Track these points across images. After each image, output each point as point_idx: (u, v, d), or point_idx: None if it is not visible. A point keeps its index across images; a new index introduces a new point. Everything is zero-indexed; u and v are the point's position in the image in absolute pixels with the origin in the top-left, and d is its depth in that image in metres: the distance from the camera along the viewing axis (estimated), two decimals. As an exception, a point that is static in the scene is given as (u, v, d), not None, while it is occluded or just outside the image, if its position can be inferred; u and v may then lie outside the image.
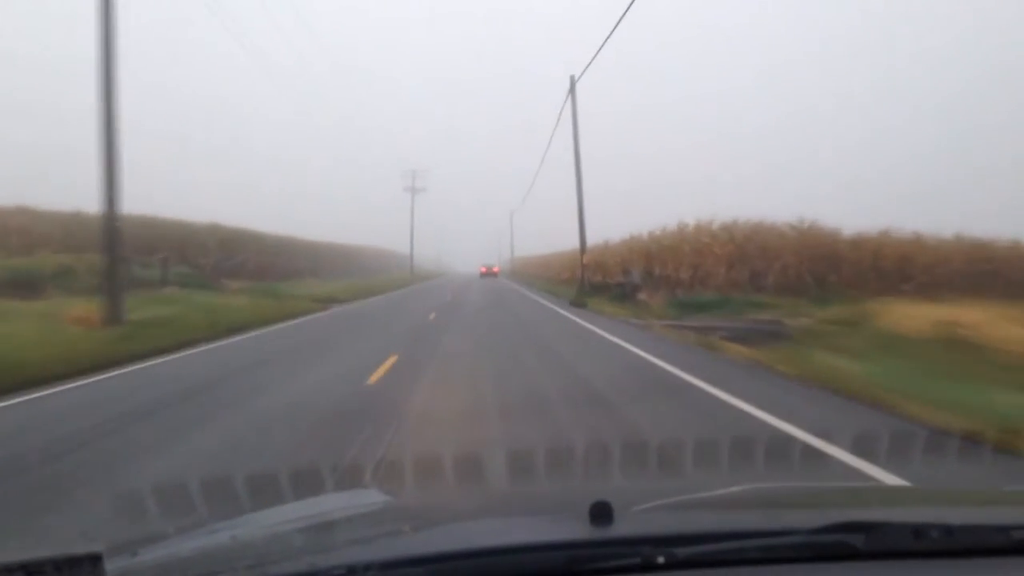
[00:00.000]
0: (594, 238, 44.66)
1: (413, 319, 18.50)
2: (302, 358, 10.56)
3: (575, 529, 1.40)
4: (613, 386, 7.68)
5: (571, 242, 51.26)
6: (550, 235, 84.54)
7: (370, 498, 2.56)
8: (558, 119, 28.81)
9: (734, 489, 2.06)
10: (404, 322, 17.56)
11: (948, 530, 1.36)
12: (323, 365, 9.71)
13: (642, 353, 10.52)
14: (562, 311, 20.80)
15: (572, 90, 26.26)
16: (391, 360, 9.65)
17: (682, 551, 1.29)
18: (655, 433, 5.25)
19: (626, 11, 16.68)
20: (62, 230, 29.04)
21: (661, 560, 1.28)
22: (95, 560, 1.11)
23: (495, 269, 78.35)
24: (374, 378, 8.30)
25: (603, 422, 5.86)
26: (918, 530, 1.36)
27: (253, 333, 15.40)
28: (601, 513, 1.38)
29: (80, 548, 1.14)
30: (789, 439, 5.16)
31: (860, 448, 4.58)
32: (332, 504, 2.34)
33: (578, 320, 17.44)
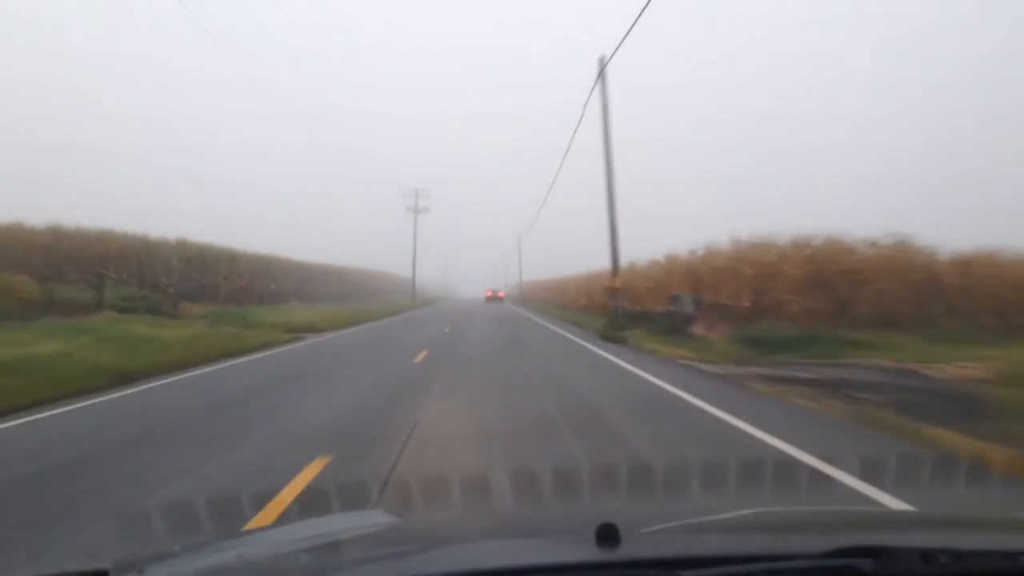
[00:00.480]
0: (605, 261, 40.30)
1: (393, 362, 13.54)
2: (175, 448, 5.95)
3: (582, 551, 1.40)
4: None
5: (584, 266, 46.68)
6: (560, 260, 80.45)
7: (376, 519, 2.49)
8: (579, 120, 24.14)
9: (740, 513, 2.01)
10: (379, 368, 12.64)
11: (957, 555, 1.34)
12: (195, 472, 5.03)
13: (814, 461, 5.11)
14: (598, 350, 15.89)
15: (602, 74, 21.58)
16: (313, 470, 4.83)
17: (689, 574, 1.27)
18: None
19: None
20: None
21: None
22: None
23: (500, 293, 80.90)
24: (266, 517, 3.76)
25: None
26: (926, 555, 1.34)
27: (159, 382, 10.66)
28: (608, 535, 1.37)
29: (87, 565, 1.25)
30: None
31: None
32: (337, 524, 2.26)
33: (629, 366, 12.37)
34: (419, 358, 13.66)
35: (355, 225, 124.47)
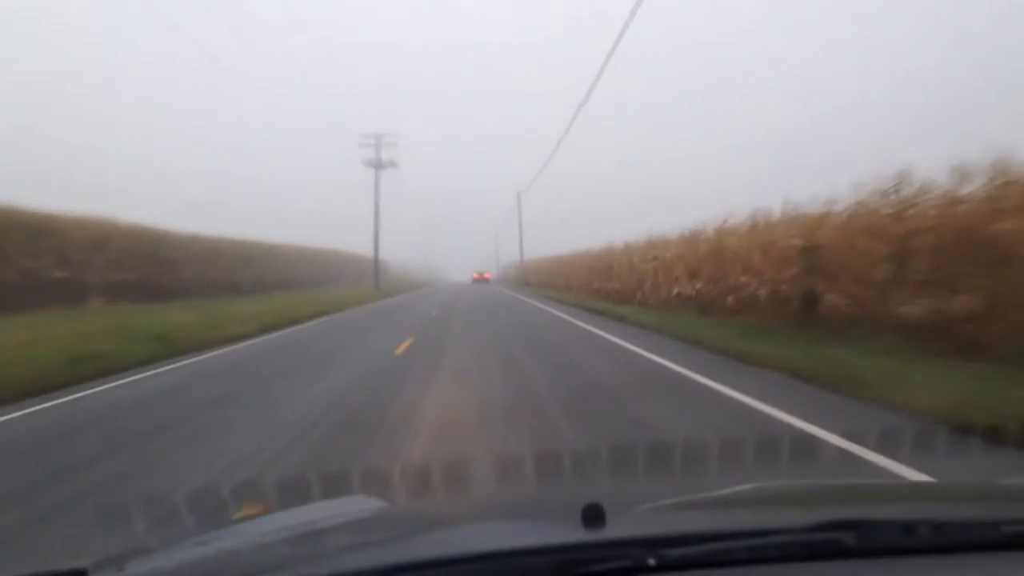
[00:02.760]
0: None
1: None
2: None
3: (567, 532, 1.42)
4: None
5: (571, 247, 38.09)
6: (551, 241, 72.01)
7: (362, 505, 2.38)
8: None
9: (731, 489, 2.02)
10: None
11: (938, 526, 1.38)
12: None
13: None
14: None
15: None
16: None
17: (673, 552, 1.30)
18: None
19: None
20: None
21: (652, 562, 1.28)
22: (80, 575, 1.12)
23: (487, 275, 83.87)
24: None
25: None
26: (908, 527, 1.38)
27: None
28: (594, 515, 1.40)
29: (64, 564, 1.18)
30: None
31: None
32: (323, 512, 2.22)
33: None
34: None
35: (314, 199, 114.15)
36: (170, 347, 13.23)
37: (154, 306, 23.37)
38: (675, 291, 19.07)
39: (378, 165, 50.68)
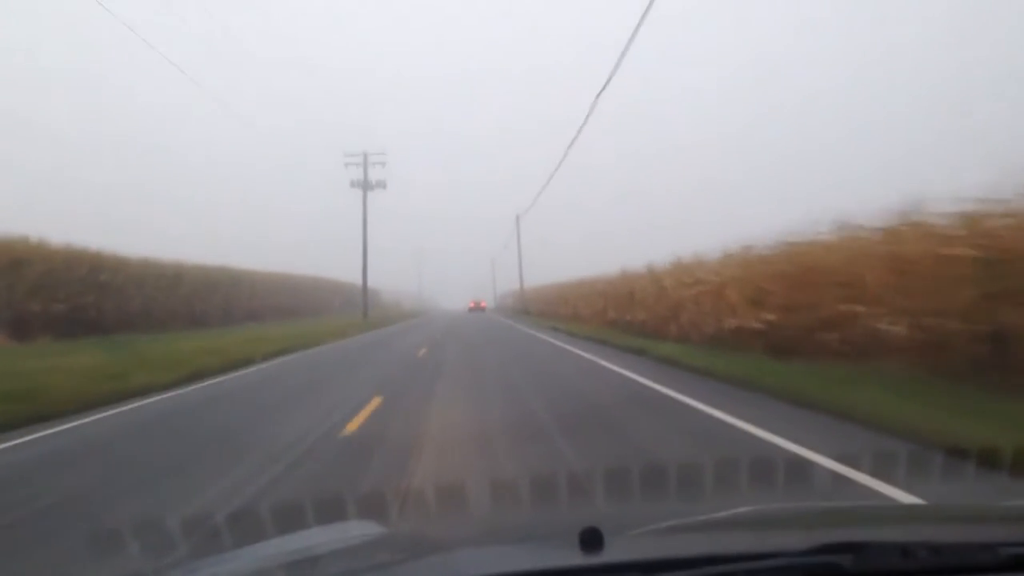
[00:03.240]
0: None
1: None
2: None
3: (565, 556, 1.41)
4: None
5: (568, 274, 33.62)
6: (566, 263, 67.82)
7: (357, 530, 2.36)
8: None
9: (728, 512, 2.02)
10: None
11: (936, 549, 1.38)
12: None
13: None
14: None
15: None
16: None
17: None
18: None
19: None
20: None
21: None
22: None
23: (483, 304, 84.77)
24: None
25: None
26: (906, 549, 1.37)
27: None
28: (591, 539, 1.38)
29: None
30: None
31: None
32: (320, 537, 2.20)
33: None
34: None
35: (303, 226, 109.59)
36: (17, 408, 8.88)
37: (74, 343, 18.99)
38: (729, 324, 14.80)
39: (366, 186, 46.44)
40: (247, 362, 16.74)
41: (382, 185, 47.41)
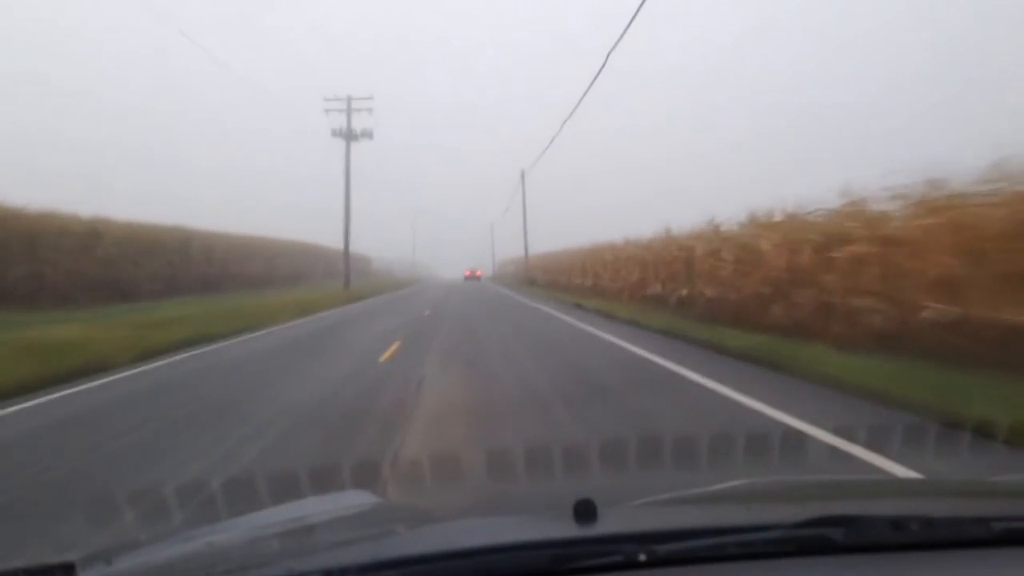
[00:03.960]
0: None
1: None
2: None
3: (559, 528, 1.42)
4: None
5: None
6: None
7: (353, 500, 2.41)
8: None
9: (723, 485, 2.04)
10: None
11: (928, 522, 1.37)
12: None
13: None
14: None
15: None
16: None
17: (663, 548, 1.30)
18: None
19: None
20: None
21: (643, 557, 1.28)
22: (68, 569, 1.08)
23: (478, 272, 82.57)
24: None
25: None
26: (897, 523, 1.37)
27: None
28: (585, 511, 1.39)
29: (54, 558, 1.10)
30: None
31: None
32: (314, 507, 2.23)
33: None
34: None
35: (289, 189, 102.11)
36: None
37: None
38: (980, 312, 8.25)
39: (349, 135, 39.74)
40: (145, 356, 10.40)
41: (368, 135, 40.89)
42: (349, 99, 40.29)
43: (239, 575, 1.27)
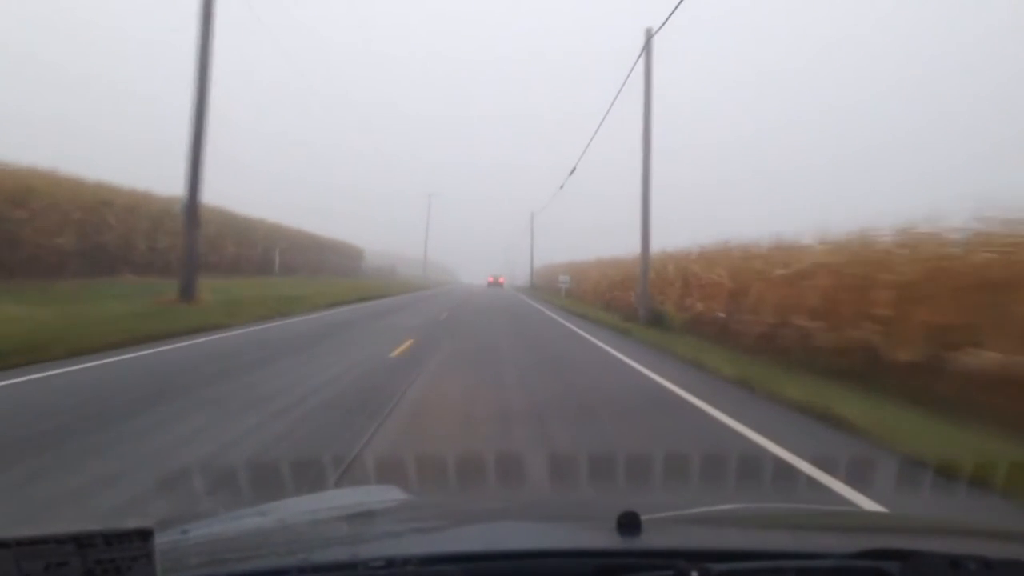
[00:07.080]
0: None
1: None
2: None
3: (605, 538, 1.43)
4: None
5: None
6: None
7: (379, 495, 2.47)
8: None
9: (758, 506, 2.20)
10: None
11: (987, 563, 1.33)
12: None
13: None
14: None
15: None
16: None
17: (716, 567, 1.26)
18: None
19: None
20: None
21: (695, 575, 1.24)
22: (145, 535, 1.11)
23: (501, 280, 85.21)
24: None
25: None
26: (956, 561, 1.33)
27: None
28: (629, 523, 1.39)
29: (131, 523, 1.14)
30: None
31: None
32: (342, 500, 2.33)
33: None
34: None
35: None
36: None
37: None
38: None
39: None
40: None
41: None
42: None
43: (307, 555, 1.32)
